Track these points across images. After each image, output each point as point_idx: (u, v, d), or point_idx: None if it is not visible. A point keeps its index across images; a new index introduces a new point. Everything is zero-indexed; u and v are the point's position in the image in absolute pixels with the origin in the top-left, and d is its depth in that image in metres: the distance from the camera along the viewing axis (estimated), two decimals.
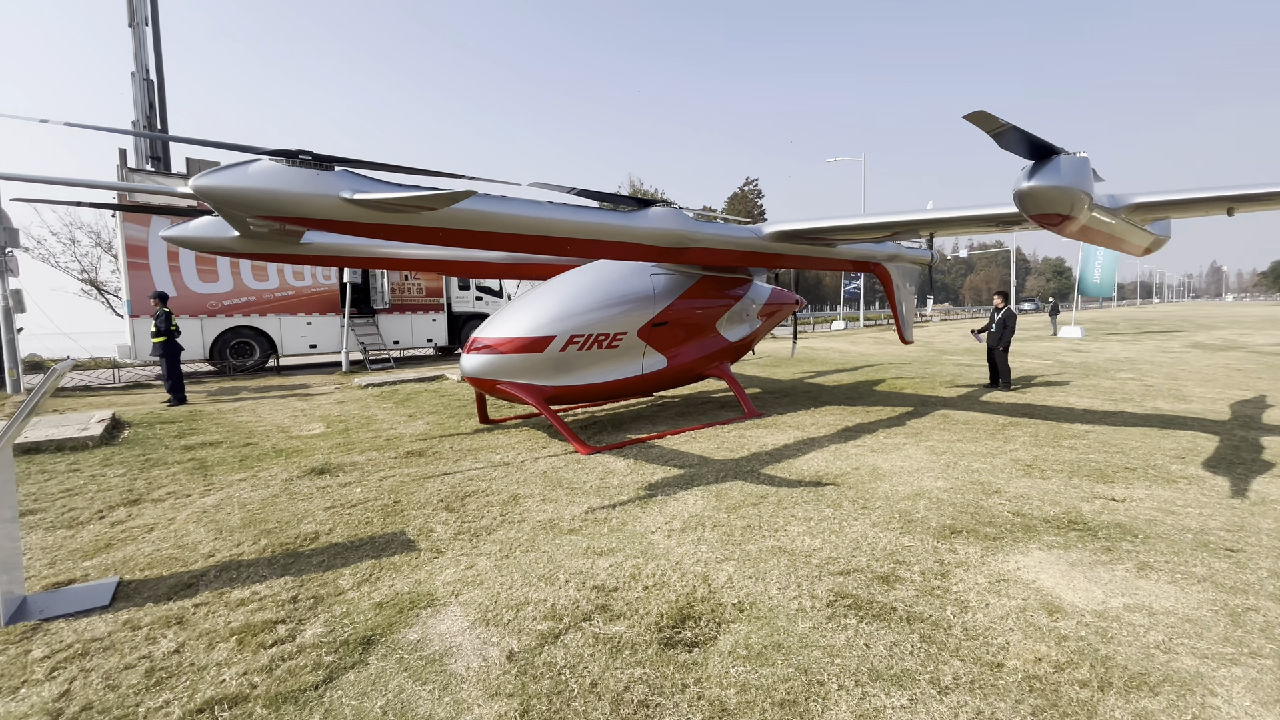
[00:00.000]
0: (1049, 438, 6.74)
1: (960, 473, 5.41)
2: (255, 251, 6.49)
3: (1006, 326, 10.38)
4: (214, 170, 3.57)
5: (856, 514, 4.39)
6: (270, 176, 3.66)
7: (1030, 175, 3.86)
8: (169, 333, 9.60)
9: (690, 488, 5.04)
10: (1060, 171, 3.80)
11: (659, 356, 7.62)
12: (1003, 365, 10.49)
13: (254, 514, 4.52)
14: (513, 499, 4.79)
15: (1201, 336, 22.58)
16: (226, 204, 3.65)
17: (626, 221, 5.67)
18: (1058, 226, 4.29)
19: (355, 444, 6.83)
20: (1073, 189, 3.84)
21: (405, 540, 3.99)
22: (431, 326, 16.97)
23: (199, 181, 3.55)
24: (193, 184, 3.55)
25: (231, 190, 3.59)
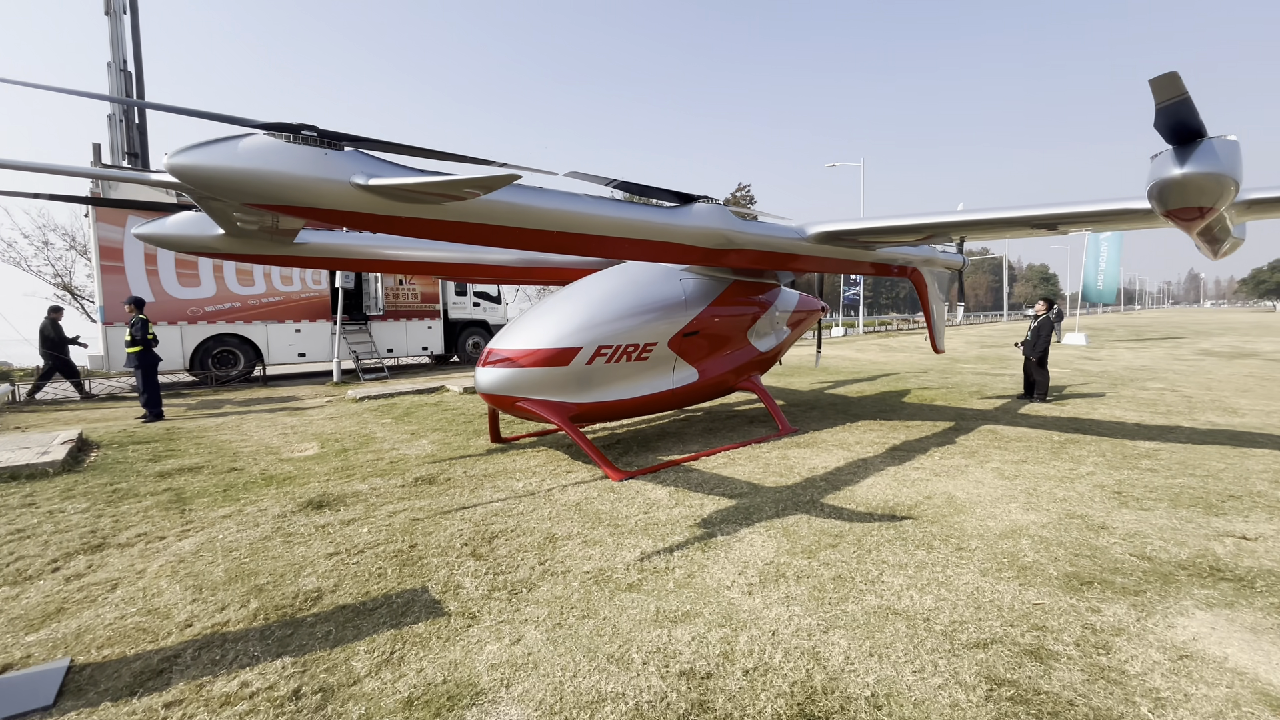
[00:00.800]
0: (1118, 457, 6.18)
1: (1047, 502, 4.80)
2: (241, 252, 5.74)
3: (1041, 335, 9.85)
4: (195, 146, 2.86)
5: (956, 558, 3.74)
6: (265, 155, 2.95)
7: (1181, 161, 3.26)
8: (145, 342, 8.76)
9: (750, 524, 4.37)
10: (1217, 156, 3.21)
11: (690, 369, 6.96)
12: (1039, 376, 9.95)
13: (241, 564, 3.77)
14: (549, 540, 4.09)
15: (1206, 344, 22.35)
16: (210, 188, 2.94)
17: (670, 219, 5.02)
18: (1191, 222, 3.71)
19: (355, 468, 6.07)
20: (1227, 177, 3.25)
21: (429, 600, 3.28)
22: (427, 334, 16.16)
23: (176, 160, 2.83)
24: (168, 162, 2.83)
25: (217, 171, 2.88)
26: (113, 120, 13.14)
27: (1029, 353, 9.99)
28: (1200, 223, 3.68)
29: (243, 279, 13.10)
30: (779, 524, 4.36)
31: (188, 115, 2.87)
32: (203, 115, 2.97)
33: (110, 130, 13.19)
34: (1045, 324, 9.90)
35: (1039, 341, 9.84)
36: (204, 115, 2.95)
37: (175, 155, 2.82)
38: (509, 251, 7.74)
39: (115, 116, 13.11)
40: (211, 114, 2.90)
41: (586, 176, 4.49)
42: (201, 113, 2.96)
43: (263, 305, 13.37)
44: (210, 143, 2.87)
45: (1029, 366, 10.08)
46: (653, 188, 5.04)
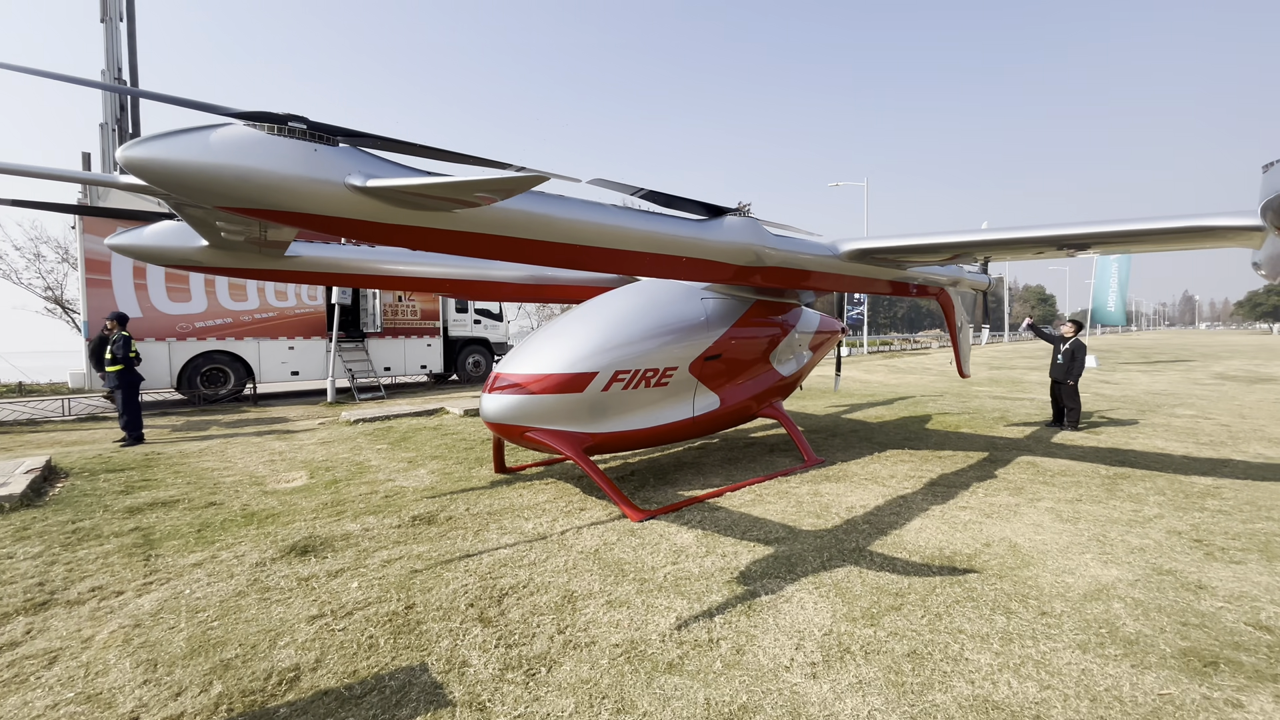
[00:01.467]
0: (1180, 496, 5.66)
1: (1123, 553, 4.27)
2: (226, 266, 5.25)
3: (1075, 358, 9.39)
4: (157, 137, 2.37)
5: (1044, 627, 3.21)
6: (243, 149, 2.46)
7: None
8: (128, 360, 8.23)
9: (795, 578, 3.83)
10: None
11: (711, 395, 6.44)
12: (1072, 401, 9.45)
13: (207, 630, 3.21)
14: (567, 600, 3.54)
15: (1218, 367, 21.95)
16: (176, 188, 2.45)
17: (700, 233, 4.54)
18: None
19: (346, 503, 5.51)
20: None
21: (429, 684, 2.72)
22: (426, 352, 15.63)
23: (132, 152, 2.34)
24: (122, 154, 2.33)
25: (182, 167, 2.38)
26: (105, 130, 12.74)
27: (1062, 377, 9.51)
28: None
29: (235, 294, 12.59)
30: (828, 579, 3.82)
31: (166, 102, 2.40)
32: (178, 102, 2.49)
33: (102, 140, 12.79)
34: (1079, 347, 9.43)
35: (1073, 366, 9.37)
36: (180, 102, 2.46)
37: (131, 147, 2.33)
38: (516, 267, 7.26)
39: (108, 126, 12.71)
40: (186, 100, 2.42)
41: (611, 184, 4.02)
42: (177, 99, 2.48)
43: (256, 321, 12.85)
44: (175, 133, 2.38)
45: (1060, 391, 9.61)
46: (681, 198, 4.57)
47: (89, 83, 2.43)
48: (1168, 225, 4.66)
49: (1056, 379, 9.60)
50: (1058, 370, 9.57)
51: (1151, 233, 4.77)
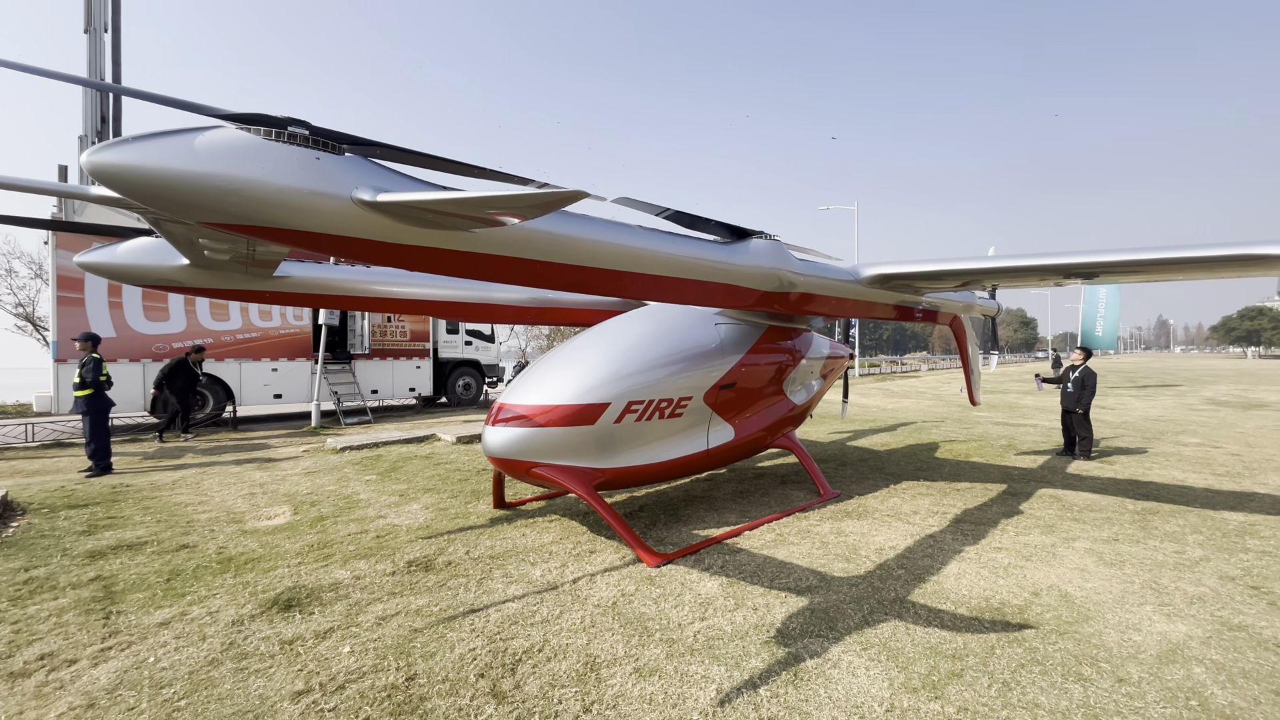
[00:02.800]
0: (1217, 534, 5.41)
1: (1183, 603, 3.96)
2: (207, 286, 4.86)
3: (1086, 386, 9.20)
4: (132, 140, 2.00)
5: (1125, 698, 2.87)
6: (234, 156, 2.11)
7: None
8: (98, 384, 7.70)
9: (838, 638, 3.46)
10: None
11: (726, 426, 6.10)
12: (1084, 430, 9.25)
13: (172, 714, 2.75)
14: (589, 667, 3.13)
15: (1208, 392, 22.10)
16: (151, 199, 2.08)
17: (726, 257, 4.25)
18: None
19: (334, 545, 5.05)
20: None
21: None
22: (415, 374, 15.14)
23: (99, 156, 1.97)
24: (86, 159, 1.97)
25: (158, 174, 2.02)
26: (84, 142, 12.27)
27: (1072, 406, 9.31)
28: None
29: (216, 313, 12.08)
30: (874, 637, 3.46)
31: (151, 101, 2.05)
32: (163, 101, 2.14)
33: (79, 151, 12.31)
34: (1089, 375, 9.27)
35: (1083, 394, 9.18)
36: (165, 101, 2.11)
37: (100, 151, 1.96)
38: (518, 291, 6.92)
39: (87, 138, 12.25)
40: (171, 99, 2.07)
41: (637, 204, 3.72)
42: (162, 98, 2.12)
43: (237, 342, 12.32)
44: (152, 136, 2.02)
45: (1072, 420, 9.41)
46: (704, 219, 4.28)
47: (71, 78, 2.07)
48: (1209, 254, 4.46)
49: (1067, 408, 9.41)
50: (1068, 399, 9.38)
51: (1194, 261, 4.56)
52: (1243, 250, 4.14)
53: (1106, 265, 4.91)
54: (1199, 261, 4.43)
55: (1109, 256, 4.90)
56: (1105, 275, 5.43)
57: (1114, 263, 4.87)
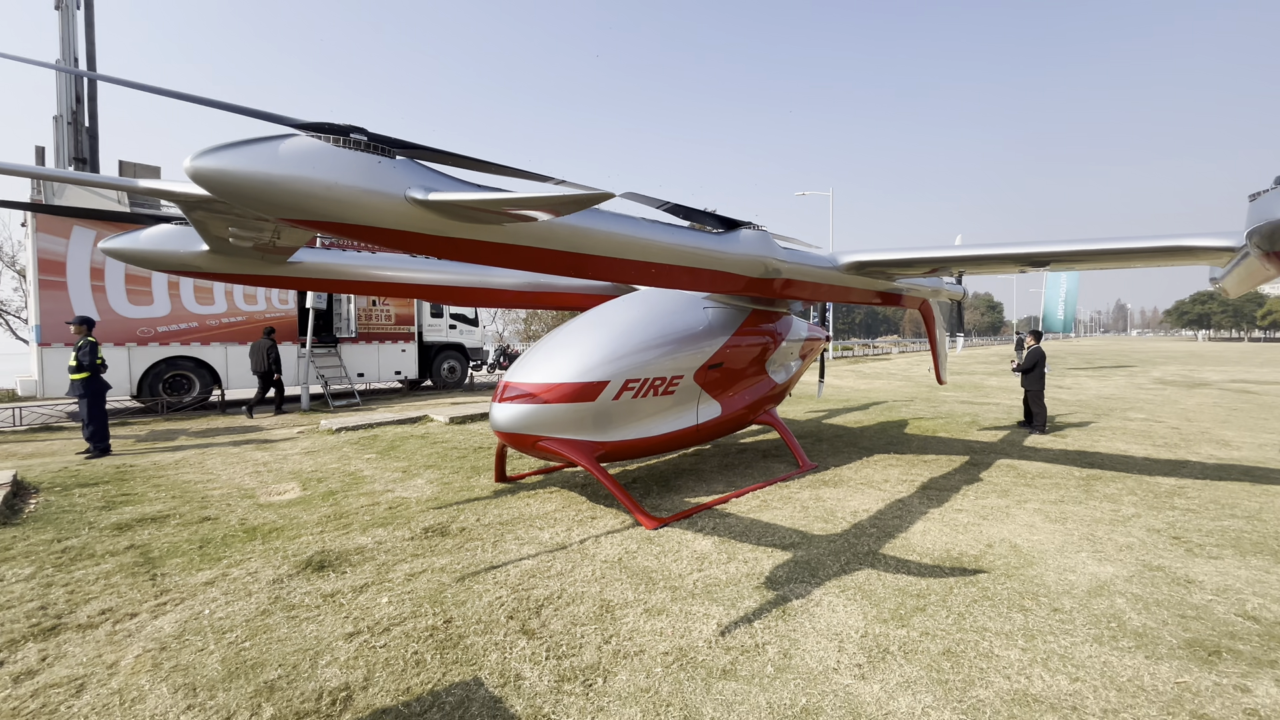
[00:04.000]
0: (1150, 496, 6.07)
1: (1113, 550, 4.56)
2: (226, 272, 5.09)
3: (1034, 366, 9.95)
4: (226, 147, 2.31)
5: (1059, 623, 3.41)
6: (311, 161, 2.43)
7: None
8: (94, 367, 7.79)
9: (819, 582, 3.95)
10: None
11: (714, 403, 6.55)
12: (1036, 406, 10.00)
13: (240, 651, 3.11)
14: (605, 610, 3.56)
15: (1157, 372, 23.42)
16: (240, 198, 2.39)
17: (719, 246, 4.66)
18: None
19: (349, 516, 5.38)
20: None
21: (488, 699, 2.71)
22: (401, 357, 15.28)
23: (201, 162, 2.27)
24: (190, 165, 2.27)
25: (250, 178, 2.33)
26: (59, 122, 12.00)
27: (1023, 384, 10.11)
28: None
29: (201, 297, 12.07)
30: (850, 582, 3.96)
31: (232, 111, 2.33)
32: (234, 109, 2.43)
33: (56, 133, 12.05)
34: (1036, 355, 10.01)
35: (1028, 374, 9.97)
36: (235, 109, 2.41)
37: (200, 157, 2.26)
38: (515, 275, 7.24)
39: (63, 118, 11.98)
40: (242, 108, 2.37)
41: (642, 198, 4.09)
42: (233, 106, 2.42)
43: (223, 325, 12.33)
44: (244, 144, 2.33)
45: (1028, 398, 10.15)
46: (701, 211, 4.68)
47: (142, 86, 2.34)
48: (1151, 245, 5.01)
49: (1026, 386, 10.14)
50: (1022, 379, 10.12)
51: (1134, 251, 5.12)
52: (1171, 242, 4.69)
53: (1057, 255, 5.45)
54: (1134, 252, 4.99)
55: (1059, 247, 5.44)
56: (1057, 264, 6.01)
57: (1063, 252, 5.41)
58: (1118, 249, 5.17)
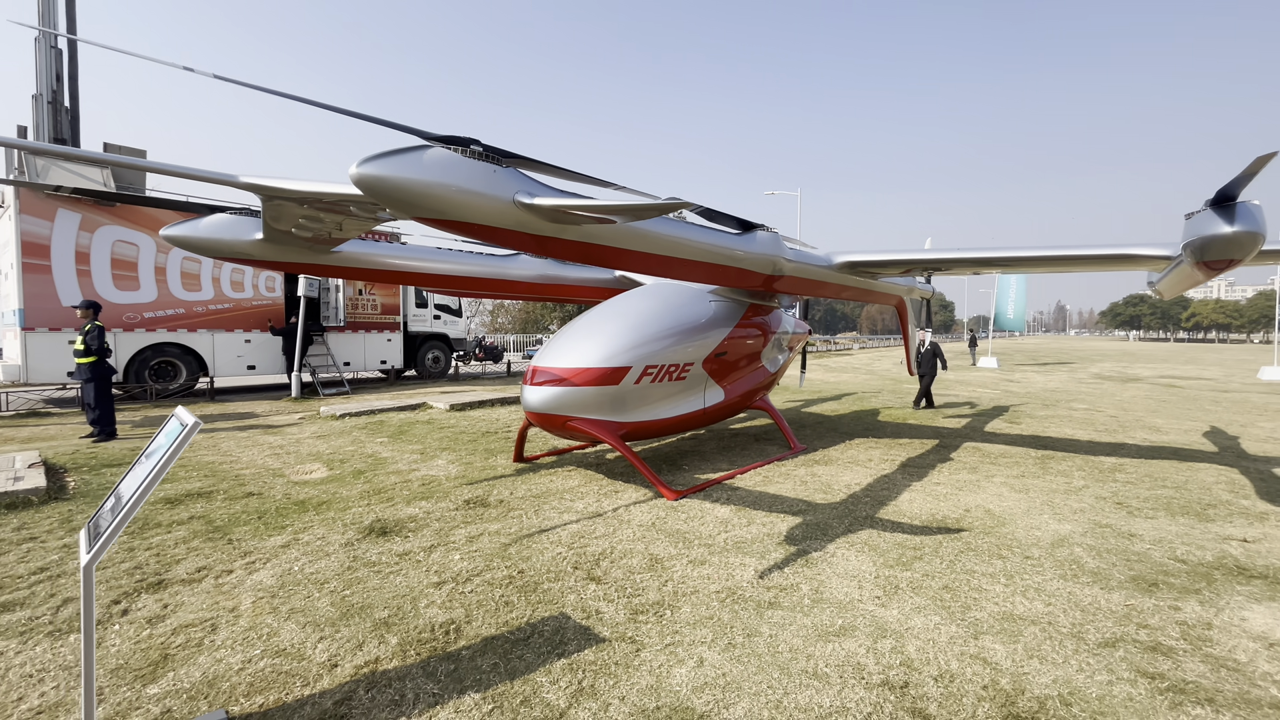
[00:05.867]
0: (1096, 472, 6.95)
1: (1069, 513, 5.36)
2: (276, 259, 5.39)
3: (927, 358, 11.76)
4: (385, 155, 2.72)
5: (1031, 566, 4.13)
6: (447, 169, 2.86)
7: (1230, 220, 3.85)
8: (102, 352, 7.83)
9: (831, 539, 4.58)
10: (1255, 218, 3.82)
11: (719, 389, 7.15)
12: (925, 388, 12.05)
13: (343, 597, 3.51)
14: (654, 562, 4.09)
15: (1095, 369, 25.33)
16: (389, 199, 2.81)
17: (739, 245, 5.23)
18: (1217, 271, 4.36)
19: (388, 491, 5.74)
20: (1261, 235, 3.88)
21: (578, 627, 3.21)
22: (386, 347, 15.36)
23: (362, 170, 2.68)
24: (356, 171, 2.68)
25: (402, 182, 2.76)
26: (39, 102, 11.62)
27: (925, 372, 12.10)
28: (1224, 271, 4.34)
29: (188, 283, 11.95)
30: (856, 539, 4.60)
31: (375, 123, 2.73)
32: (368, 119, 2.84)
33: (35, 113, 11.67)
34: (932, 349, 11.82)
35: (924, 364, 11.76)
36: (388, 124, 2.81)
37: (361, 165, 2.67)
38: (529, 267, 7.68)
39: (43, 97, 11.61)
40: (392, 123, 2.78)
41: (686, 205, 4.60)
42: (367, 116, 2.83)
43: (210, 313, 12.24)
44: (395, 153, 2.75)
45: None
46: (722, 214, 5.23)
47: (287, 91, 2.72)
48: (1099, 252, 5.82)
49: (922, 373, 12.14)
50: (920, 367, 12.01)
51: (1087, 258, 5.93)
52: (1119, 250, 5.50)
53: (1021, 260, 6.24)
54: (1088, 258, 5.79)
55: (1022, 252, 6.22)
56: (1021, 268, 6.81)
57: (1025, 258, 6.20)
58: (1074, 255, 5.98)
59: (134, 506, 1.97)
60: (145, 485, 1.99)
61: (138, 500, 1.98)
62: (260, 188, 3.72)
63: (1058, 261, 6.24)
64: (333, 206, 4.00)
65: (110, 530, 1.95)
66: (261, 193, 3.82)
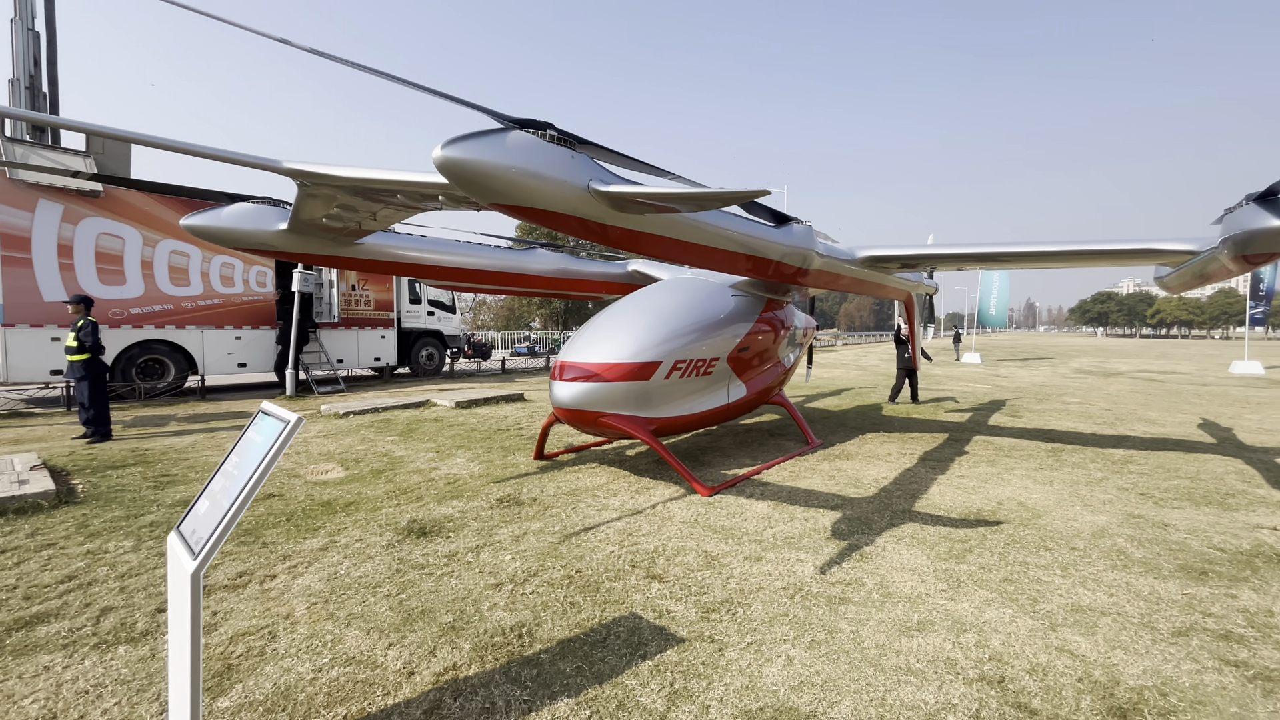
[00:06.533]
0: (1108, 463, 7.07)
1: (1099, 504, 5.43)
2: (297, 250, 5.19)
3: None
4: (470, 138, 2.59)
5: (1079, 558, 4.16)
6: (530, 153, 2.75)
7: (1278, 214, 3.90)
8: (96, 348, 7.47)
9: (876, 533, 4.56)
10: None
11: (741, 384, 7.10)
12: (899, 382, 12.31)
13: (402, 602, 3.37)
14: (710, 559, 4.03)
15: (1075, 363, 25.99)
16: (470, 182, 2.68)
17: (779, 238, 5.18)
18: (1256, 265, 4.43)
19: (414, 490, 5.58)
20: None
21: (654, 627, 3.13)
22: (380, 344, 15.02)
23: (447, 152, 2.55)
24: (440, 154, 2.54)
25: (483, 166, 2.64)
26: (15, 86, 11.04)
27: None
28: (1262, 265, 4.41)
29: (176, 278, 11.51)
30: (901, 533, 4.59)
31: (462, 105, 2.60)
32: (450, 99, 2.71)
33: (11, 96, 11.09)
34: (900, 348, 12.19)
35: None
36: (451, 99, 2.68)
37: (448, 146, 2.54)
38: (548, 261, 7.56)
39: (20, 82, 11.04)
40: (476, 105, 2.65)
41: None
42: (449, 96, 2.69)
43: (199, 308, 11.82)
44: (479, 135, 2.62)
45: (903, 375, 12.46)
46: (761, 206, 5.17)
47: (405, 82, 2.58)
48: (1121, 247, 5.89)
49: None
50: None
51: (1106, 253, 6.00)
52: (1142, 245, 5.57)
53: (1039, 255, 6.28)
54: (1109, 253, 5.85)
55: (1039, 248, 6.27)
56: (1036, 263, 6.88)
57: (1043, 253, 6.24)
58: (1096, 250, 6.04)
59: (240, 509, 1.84)
60: (251, 485, 1.85)
61: (244, 502, 1.84)
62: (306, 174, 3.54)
63: (1079, 256, 6.30)
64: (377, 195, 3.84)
65: (216, 534, 1.81)
66: (305, 178, 3.65)
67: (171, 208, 11.04)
